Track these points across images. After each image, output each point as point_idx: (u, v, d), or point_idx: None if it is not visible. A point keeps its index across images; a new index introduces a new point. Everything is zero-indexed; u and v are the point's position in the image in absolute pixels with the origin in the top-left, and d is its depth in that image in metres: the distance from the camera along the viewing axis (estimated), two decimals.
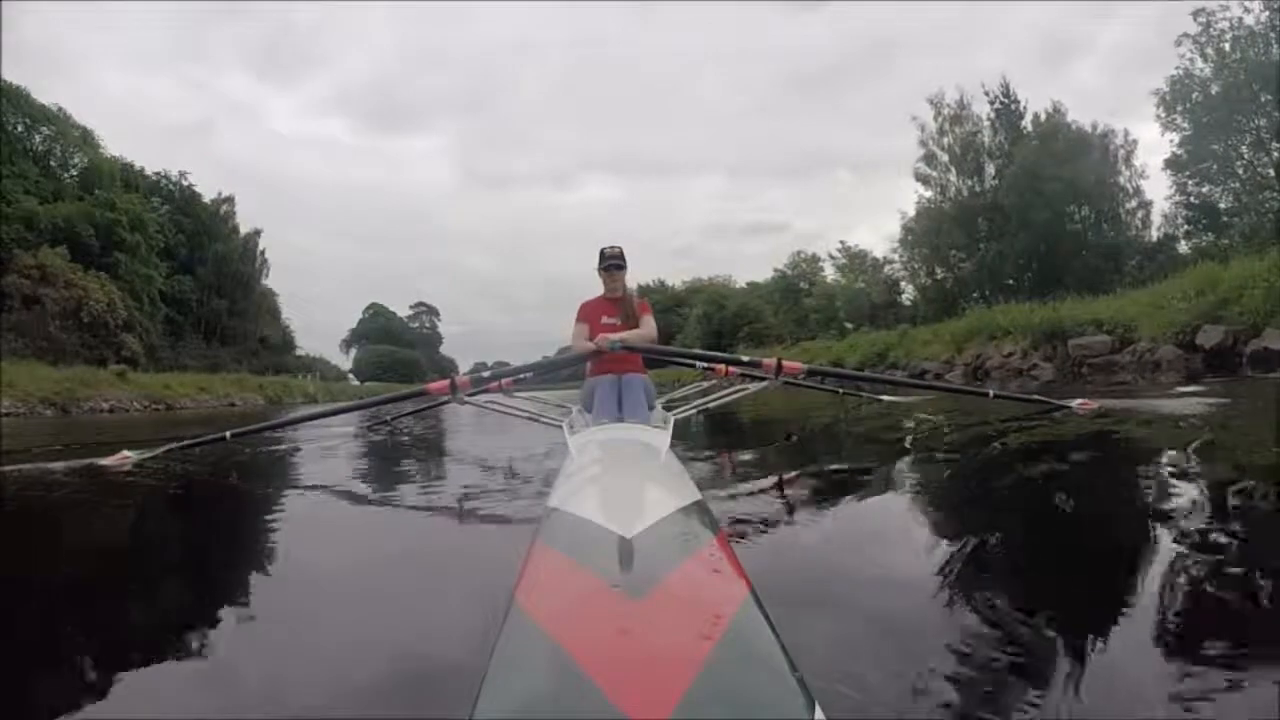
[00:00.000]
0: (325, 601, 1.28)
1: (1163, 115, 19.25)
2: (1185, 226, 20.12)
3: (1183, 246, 20.08)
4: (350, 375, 53.42)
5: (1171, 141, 19.29)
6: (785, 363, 2.90)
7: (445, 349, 72.65)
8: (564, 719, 0.49)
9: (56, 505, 2.54)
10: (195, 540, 1.96)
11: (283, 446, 4.71)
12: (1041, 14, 38.29)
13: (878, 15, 70.29)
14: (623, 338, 2.87)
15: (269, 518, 2.19)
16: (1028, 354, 12.95)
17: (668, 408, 3.16)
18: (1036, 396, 3.99)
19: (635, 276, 3.10)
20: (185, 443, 3.49)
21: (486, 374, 3.32)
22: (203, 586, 1.40)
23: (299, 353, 41.35)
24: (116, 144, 32.56)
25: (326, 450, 4.32)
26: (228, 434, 3.50)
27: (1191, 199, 19.38)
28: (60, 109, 26.60)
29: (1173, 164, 19.40)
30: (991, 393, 3.98)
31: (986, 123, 24.56)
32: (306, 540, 1.90)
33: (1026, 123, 23.89)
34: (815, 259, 34.20)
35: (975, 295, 23.59)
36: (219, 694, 0.85)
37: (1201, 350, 9.15)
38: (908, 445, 3.03)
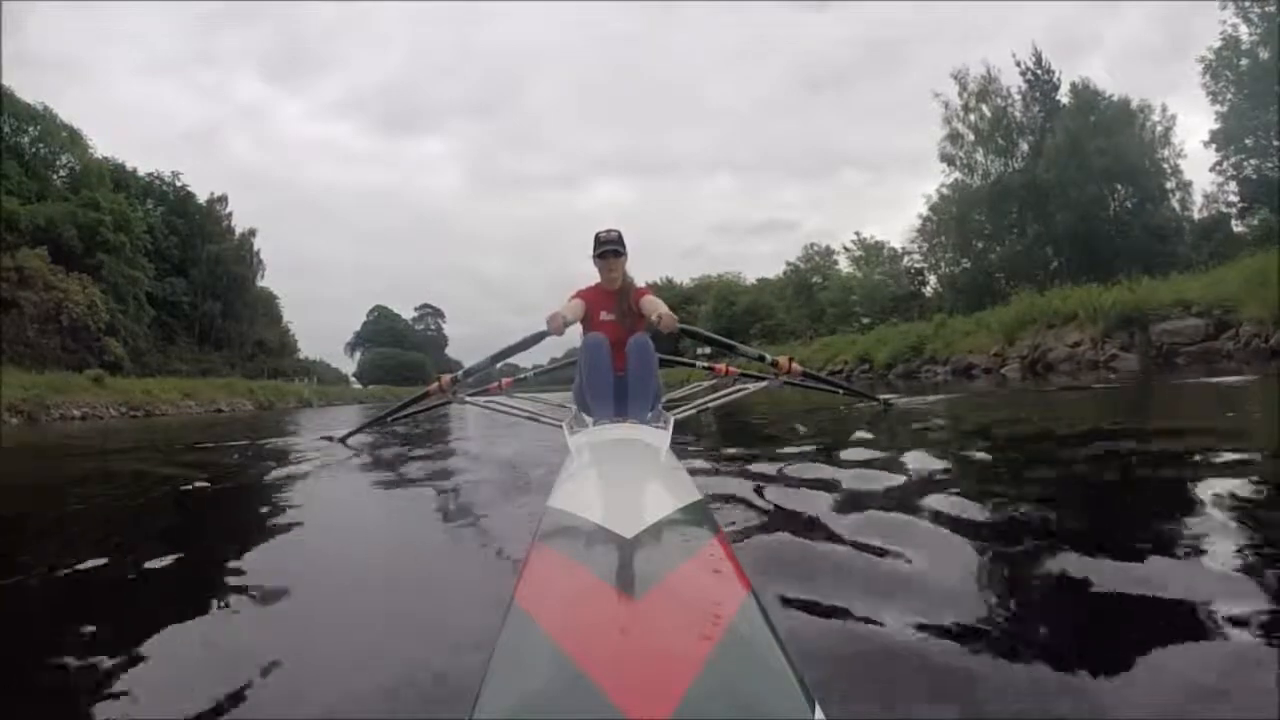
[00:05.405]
0: (324, 602, 1.32)
1: (1209, 83, 18.89)
2: (1240, 204, 19.54)
3: (1235, 225, 19.59)
4: (352, 378, 54.17)
5: (1218, 111, 18.89)
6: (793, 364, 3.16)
7: (451, 350, 73.20)
8: (564, 719, 0.51)
9: (50, 506, 2.60)
10: (195, 542, 2.01)
11: (280, 449, 4.80)
12: (1049, 11, 37.74)
13: (885, 16, 70.20)
14: (665, 317, 2.63)
15: (268, 520, 2.24)
16: (1100, 343, 11.68)
17: (668, 407, 3.18)
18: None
19: (643, 277, 3.06)
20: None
21: (470, 366, 3.38)
22: (202, 588, 1.44)
23: (300, 356, 41.80)
24: (126, 149, 32.82)
25: (325, 452, 4.39)
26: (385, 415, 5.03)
27: (1248, 174, 18.75)
28: (46, 108, 26.64)
29: (1219, 137, 18.96)
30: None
31: (1017, 96, 24.11)
32: (305, 542, 1.95)
33: (1062, 94, 23.40)
34: (829, 251, 33.85)
35: (1003, 280, 23.07)
36: (220, 694, 0.88)
37: None
38: (920, 440, 3.05)
